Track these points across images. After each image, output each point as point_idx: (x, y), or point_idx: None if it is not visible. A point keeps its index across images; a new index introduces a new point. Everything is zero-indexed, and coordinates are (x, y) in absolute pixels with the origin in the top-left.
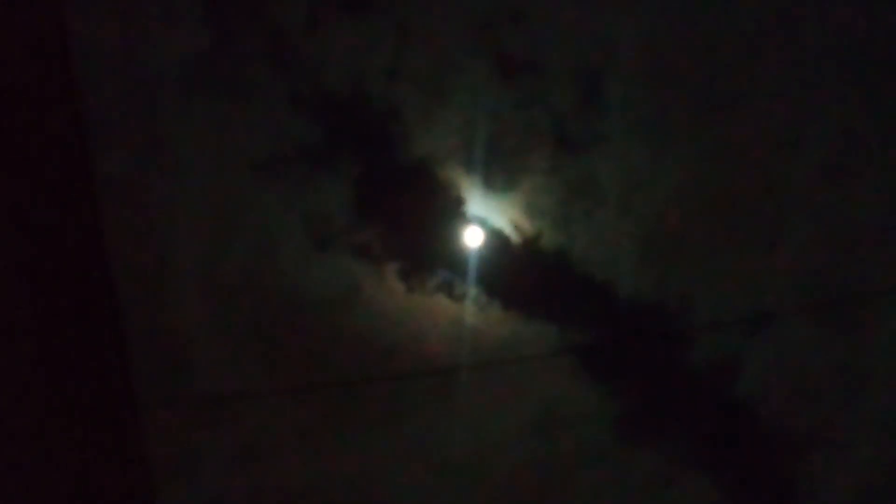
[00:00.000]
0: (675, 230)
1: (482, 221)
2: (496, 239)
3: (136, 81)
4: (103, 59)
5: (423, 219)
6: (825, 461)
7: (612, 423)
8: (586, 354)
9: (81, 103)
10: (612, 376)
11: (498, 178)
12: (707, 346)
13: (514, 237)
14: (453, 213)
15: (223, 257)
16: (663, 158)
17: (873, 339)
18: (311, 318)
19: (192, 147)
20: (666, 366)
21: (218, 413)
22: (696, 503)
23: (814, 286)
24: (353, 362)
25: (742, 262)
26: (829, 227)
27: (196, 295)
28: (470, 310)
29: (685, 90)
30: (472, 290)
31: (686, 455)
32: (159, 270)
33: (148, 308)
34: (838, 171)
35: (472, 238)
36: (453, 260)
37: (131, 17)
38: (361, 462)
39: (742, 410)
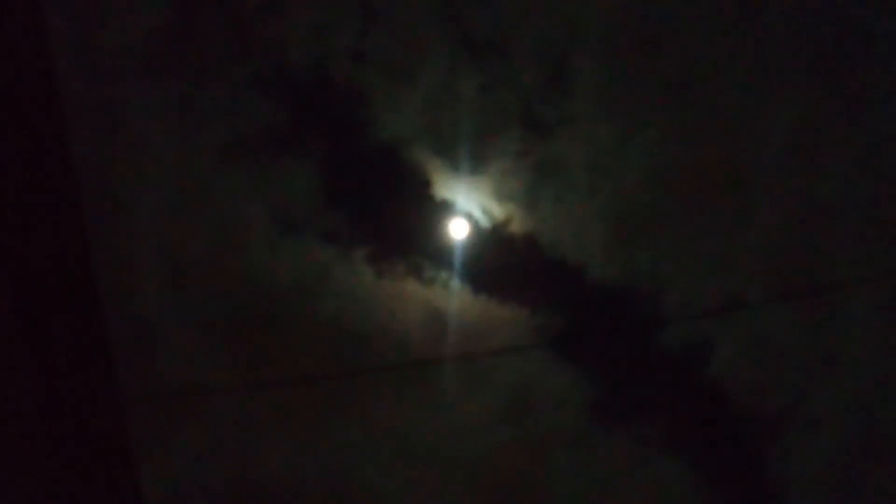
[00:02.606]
0: (644, 212)
1: (450, 205)
2: (465, 223)
3: (97, 61)
4: (67, 38)
5: (391, 202)
6: (796, 440)
7: (585, 407)
8: (558, 338)
9: (56, 85)
10: (584, 360)
11: (465, 161)
12: (679, 330)
13: (483, 221)
14: (421, 196)
15: (189, 244)
16: (632, 140)
17: (842, 322)
18: (280, 305)
19: (154, 129)
20: (638, 349)
21: (190, 406)
22: (670, 484)
23: (783, 268)
24: (324, 351)
25: (712, 243)
26: (797, 209)
27: (163, 283)
28: (440, 294)
29: (653, 71)
30: (442, 275)
31: (659, 437)
32: (128, 260)
33: (120, 297)
34: (805, 155)
35: (441, 222)
36: (422, 244)
37: None
38: (334, 450)
39: (714, 392)
